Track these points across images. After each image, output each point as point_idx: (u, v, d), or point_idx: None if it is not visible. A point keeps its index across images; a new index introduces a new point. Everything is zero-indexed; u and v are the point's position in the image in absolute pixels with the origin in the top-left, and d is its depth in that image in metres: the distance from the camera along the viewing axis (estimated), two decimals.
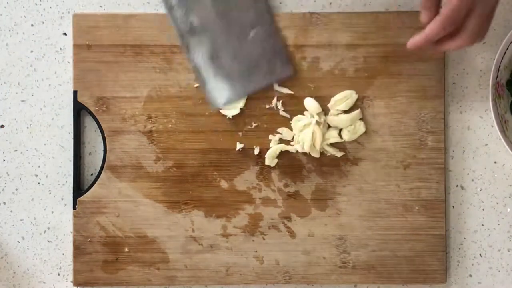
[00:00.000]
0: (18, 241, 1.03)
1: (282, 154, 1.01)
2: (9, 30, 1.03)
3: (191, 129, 1.01)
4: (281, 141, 1.01)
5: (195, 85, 1.00)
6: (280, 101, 1.01)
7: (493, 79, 0.97)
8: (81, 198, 1.01)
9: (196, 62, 0.81)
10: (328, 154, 1.01)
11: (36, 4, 1.03)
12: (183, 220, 1.01)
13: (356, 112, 1.00)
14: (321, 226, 1.01)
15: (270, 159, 1.01)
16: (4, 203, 1.03)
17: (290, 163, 1.01)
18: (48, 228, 1.03)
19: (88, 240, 1.01)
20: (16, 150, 1.03)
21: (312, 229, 1.01)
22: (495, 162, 1.03)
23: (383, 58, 1.01)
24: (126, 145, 1.01)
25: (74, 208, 1.01)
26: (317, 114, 1.00)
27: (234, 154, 1.01)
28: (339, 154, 1.01)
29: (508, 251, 1.03)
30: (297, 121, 1.00)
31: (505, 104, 1.01)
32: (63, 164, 1.03)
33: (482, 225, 1.03)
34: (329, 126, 1.01)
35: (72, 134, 1.02)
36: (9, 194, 1.03)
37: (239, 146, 1.01)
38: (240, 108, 1.01)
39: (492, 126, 1.03)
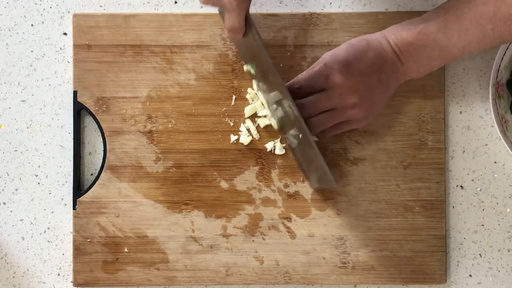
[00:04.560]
0: (18, 241, 1.03)
1: (282, 155, 1.01)
2: (9, 30, 1.03)
3: (191, 129, 1.02)
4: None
5: None
6: None
7: (493, 79, 0.97)
8: (81, 198, 1.01)
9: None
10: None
11: (36, 4, 1.03)
12: (183, 220, 1.01)
13: None
14: (321, 226, 1.01)
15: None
16: (4, 203, 1.03)
17: (290, 163, 1.01)
18: (48, 228, 1.03)
19: (88, 240, 1.01)
20: (16, 150, 1.03)
21: (312, 229, 1.01)
22: (495, 162, 1.03)
23: None
24: (126, 145, 1.01)
25: (74, 208, 1.01)
26: None
27: (234, 154, 1.01)
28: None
29: (508, 251, 1.03)
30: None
31: (505, 104, 1.01)
32: (63, 164, 1.03)
33: (482, 225, 1.03)
34: None
35: (72, 134, 1.02)
36: (9, 194, 1.03)
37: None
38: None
39: (492, 126, 1.03)
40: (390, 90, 0.96)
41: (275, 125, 1.00)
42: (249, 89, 1.01)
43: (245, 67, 1.00)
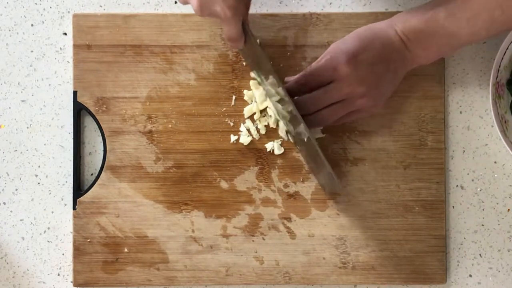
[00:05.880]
0: (18, 241, 1.03)
1: (282, 155, 1.01)
2: (9, 30, 1.03)
3: (191, 129, 1.02)
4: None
5: None
6: None
7: (493, 79, 0.97)
8: (81, 198, 1.01)
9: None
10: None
11: (36, 4, 1.03)
12: (183, 220, 1.01)
13: None
14: (321, 227, 1.01)
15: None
16: (4, 203, 1.03)
17: (290, 163, 1.01)
18: (48, 228, 1.03)
19: (88, 240, 1.01)
20: (16, 150, 1.03)
21: (312, 229, 1.01)
22: (495, 162, 1.03)
23: None
24: (126, 145, 1.01)
25: (74, 208, 1.01)
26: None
27: (234, 154, 1.01)
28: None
29: (508, 251, 1.03)
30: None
31: (505, 104, 1.01)
32: (63, 164, 1.03)
33: (482, 225, 1.03)
34: None
35: (72, 134, 1.02)
36: (9, 194, 1.03)
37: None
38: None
39: (492, 126, 1.03)
40: (398, 78, 0.96)
41: (283, 128, 1.00)
42: (245, 91, 1.01)
43: (252, 74, 1.01)
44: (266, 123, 1.01)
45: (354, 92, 0.93)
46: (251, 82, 1.01)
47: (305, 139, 0.94)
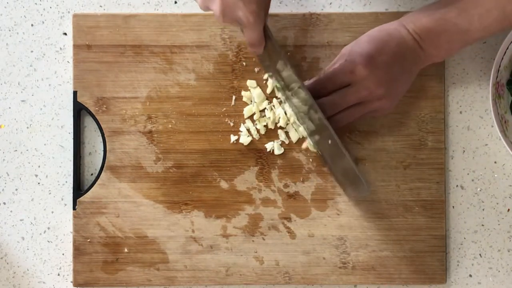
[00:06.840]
0: (18, 241, 1.03)
1: (282, 155, 1.01)
2: (9, 30, 1.03)
3: (191, 129, 1.02)
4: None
5: None
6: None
7: (493, 79, 0.97)
8: (81, 198, 1.01)
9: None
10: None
11: (36, 4, 1.03)
12: (183, 220, 1.01)
13: None
14: (321, 227, 1.01)
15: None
16: (4, 203, 1.03)
17: (290, 163, 1.01)
18: (48, 228, 1.03)
19: (88, 240, 1.01)
20: (16, 150, 1.03)
21: (312, 229, 1.01)
22: (495, 162, 1.03)
23: None
24: (126, 145, 1.01)
25: (74, 208, 1.01)
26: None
27: (234, 154, 1.01)
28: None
29: (508, 251, 1.02)
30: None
31: (505, 104, 1.01)
32: (63, 164, 1.03)
33: (482, 225, 1.03)
34: None
35: (72, 134, 1.02)
36: (9, 194, 1.03)
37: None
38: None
39: (492, 126, 1.03)
40: (412, 77, 0.96)
41: (304, 133, 1.00)
42: (242, 92, 1.01)
43: (270, 81, 1.01)
44: (265, 123, 1.01)
45: (373, 94, 0.93)
46: (248, 82, 1.01)
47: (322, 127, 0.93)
